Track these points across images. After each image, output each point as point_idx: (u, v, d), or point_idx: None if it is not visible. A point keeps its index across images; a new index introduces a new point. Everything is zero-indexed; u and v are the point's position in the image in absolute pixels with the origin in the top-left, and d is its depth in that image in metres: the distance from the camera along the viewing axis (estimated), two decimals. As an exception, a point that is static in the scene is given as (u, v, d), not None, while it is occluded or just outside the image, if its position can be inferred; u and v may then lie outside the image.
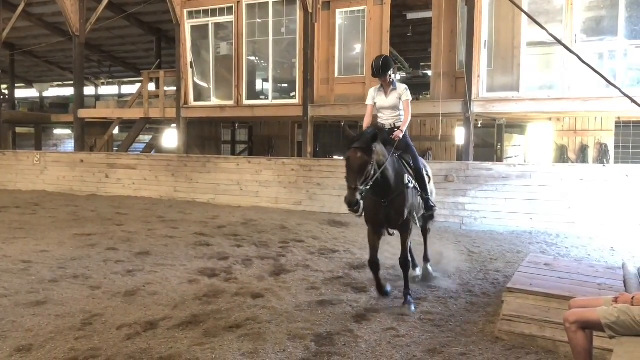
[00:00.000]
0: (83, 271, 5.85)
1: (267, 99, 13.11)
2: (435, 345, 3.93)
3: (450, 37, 10.95)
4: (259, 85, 14.07)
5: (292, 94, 12.84)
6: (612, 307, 2.87)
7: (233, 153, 18.47)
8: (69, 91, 24.92)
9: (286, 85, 13.38)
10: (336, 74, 12.15)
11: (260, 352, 3.75)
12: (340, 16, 12.07)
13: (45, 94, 27.56)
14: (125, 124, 18.18)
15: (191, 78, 13.77)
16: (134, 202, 12.10)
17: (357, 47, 12.24)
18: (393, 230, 4.98)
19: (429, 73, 13.52)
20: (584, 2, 9.80)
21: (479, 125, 12.80)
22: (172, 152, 14.61)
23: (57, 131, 25.67)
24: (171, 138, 16.51)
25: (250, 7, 12.82)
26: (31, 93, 28.79)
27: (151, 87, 16.95)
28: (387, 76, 5.20)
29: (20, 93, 28.21)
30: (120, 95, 25.95)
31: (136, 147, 19.30)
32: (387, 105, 5.33)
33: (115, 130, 17.76)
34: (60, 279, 5.54)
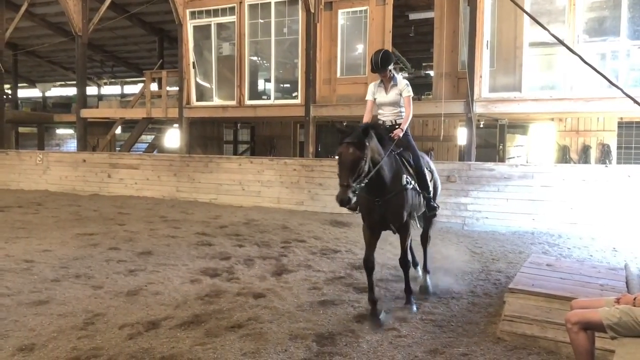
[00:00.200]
0: (85, 271, 5.86)
1: (270, 99, 13.12)
2: (436, 346, 3.93)
3: (453, 37, 10.93)
4: (261, 85, 14.08)
5: (294, 94, 12.84)
6: (614, 308, 2.87)
7: (235, 153, 18.48)
8: (71, 91, 25.02)
9: (288, 86, 13.38)
10: (338, 74, 12.15)
11: (262, 352, 3.75)
12: (342, 16, 12.07)
13: (47, 93, 27.69)
14: (128, 124, 18.19)
15: (193, 78, 13.78)
16: (136, 201, 12.12)
17: (359, 47, 12.25)
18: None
19: (431, 73, 13.50)
20: (587, 3, 9.76)
21: (481, 126, 12.79)
22: (174, 152, 14.64)
23: (59, 131, 25.71)
24: (173, 138, 16.55)
25: (253, 7, 12.84)
26: (34, 93, 28.87)
27: (154, 87, 17.01)
28: (387, 71, 4.98)
29: (23, 93, 28.27)
30: (122, 95, 26.07)
31: (138, 147, 19.34)
32: (388, 102, 5.10)
33: (118, 130, 17.77)
34: (63, 278, 5.55)
